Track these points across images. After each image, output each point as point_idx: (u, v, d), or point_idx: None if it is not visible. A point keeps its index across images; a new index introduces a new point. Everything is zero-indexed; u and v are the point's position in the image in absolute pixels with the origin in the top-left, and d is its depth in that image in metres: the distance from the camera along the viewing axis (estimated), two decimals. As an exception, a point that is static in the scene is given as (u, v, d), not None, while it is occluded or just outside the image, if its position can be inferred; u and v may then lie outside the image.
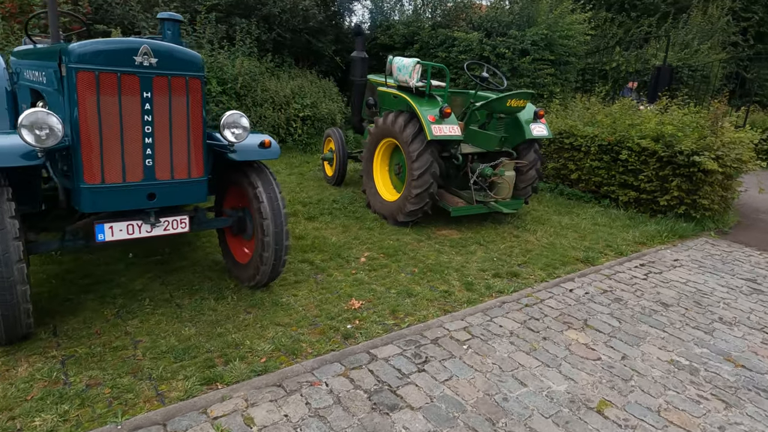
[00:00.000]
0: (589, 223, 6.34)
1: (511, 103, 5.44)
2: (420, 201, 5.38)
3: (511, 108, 5.51)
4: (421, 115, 5.20)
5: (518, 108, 5.56)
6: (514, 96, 5.43)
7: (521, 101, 5.49)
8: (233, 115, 3.28)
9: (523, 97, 5.49)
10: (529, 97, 5.54)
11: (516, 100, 5.45)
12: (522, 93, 5.46)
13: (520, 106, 5.54)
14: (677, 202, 6.46)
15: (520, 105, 5.52)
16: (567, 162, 7.68)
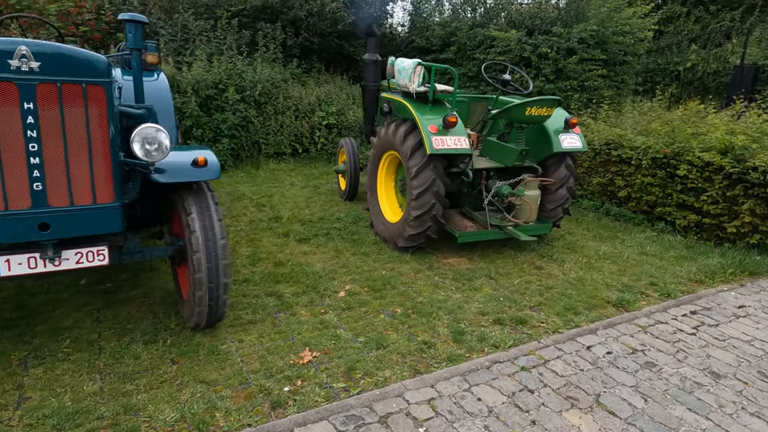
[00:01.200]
0: (635, 252, 5.29)
1: (531, 111, 4.56)
2: (420, 225, 4.63)
3: (531, 117, 4.63)
4: (421, 126, 4.46)
5: (541, 117, 4.66)
6: (536, 103, 4.55)
7: (544, 109, 4.60)
8: (146, 129, 2.72)
9: (547, 105, 4.59)
10: (554, 104, 4.64)
11: (537, 107, 4.56)
12: (545, 100, 4.57)
13: (542, 115, 4.64)
14: (749, 229, 5.25)
15: (543, 114, 4.63)
16: (615, 177, 6.60)
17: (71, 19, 7.47)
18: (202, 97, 7.65)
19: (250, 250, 4.81)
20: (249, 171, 8.04)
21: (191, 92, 7.40)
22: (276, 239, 5.15)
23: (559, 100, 4.64)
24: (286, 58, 9.32)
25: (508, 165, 4.92)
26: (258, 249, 4.87)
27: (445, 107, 4.73)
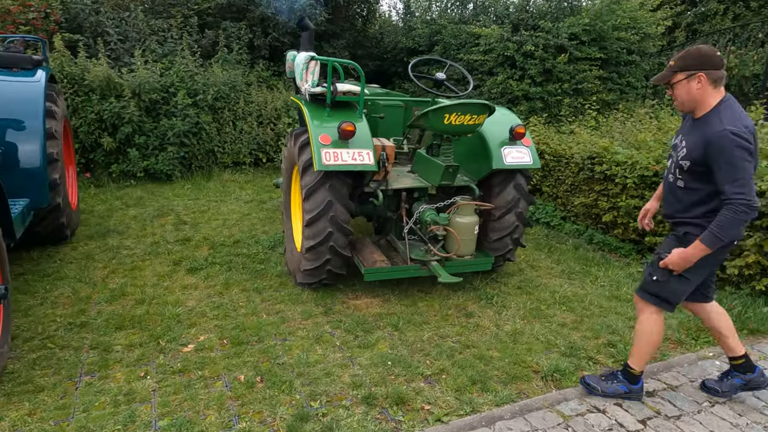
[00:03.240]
0: (604, 296, 4.20)
1: (451, 119, 3.58)
2: (317, 257, 3.73)
3: (452, 127, 3.64)
4: (311, 135, 3.57)
5: (465, 127, 3.66)
6: (456, 109, 3.56)
7: (468, 116, 3.60)
8: None
9: (473, 111, 3.59)
10: (483, 110, 3.63)
11: (459, 114, 3.57)
12: (470, 105, 3.57)
13: (467, 125, 3.64)
14: (756, 271, 4.07)
15: (468, 122, 3.63)
16: (599, 197, 5.48)
17: (10, 17, 6.99)
18: (146, 102, 7.00)
19: (120, 282, 4.03)
20: (198, 182, 7.34)
21: (130, 96, 6.75)
22: (163, 268, 4.36)
23: (488, 105, 3.64)
24: (254, 59, 8.61)
25: (434, 184, 3.96)
26: (133, 280, 4.09)
27: (352, 112, 3.82)
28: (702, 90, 2.36)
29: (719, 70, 2.34)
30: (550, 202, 6.29)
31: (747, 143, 2.24)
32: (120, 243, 4.89)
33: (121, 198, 6.44)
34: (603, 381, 2.87)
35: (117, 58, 7.58)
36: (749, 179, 2.26)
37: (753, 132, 2.32)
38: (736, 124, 2.27)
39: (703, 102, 2.40)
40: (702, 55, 2.36)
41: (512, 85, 6.98)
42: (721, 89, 2.39)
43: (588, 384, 2.89)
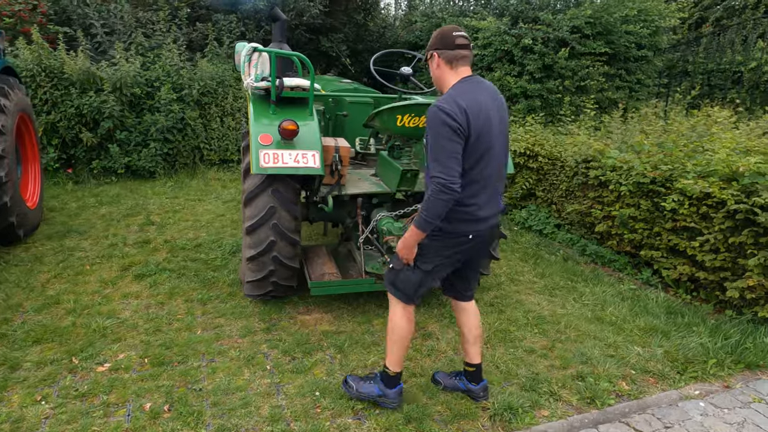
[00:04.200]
0: (586, 317, 3.77)
1: (405, 120, 3.19)
2: (260, 268, 3.40)
3: (405, 129, 3.25)
4: (251, 135, 3.24)
5: (422, 130, 3.27)
6: (410, 110, 3.18)
7: (423, 119, 3.21)
8: None
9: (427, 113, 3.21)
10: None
11: (412, 116, 3.19)
12: (426, 105, 3.17)
13: (422, 127, 3.25)
14: (760, 294, 3.58)
15: (423, 125, 3.24)
16: (594, 205, 5.02)
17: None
18: (128, 96, 6.79)
19: (60, 288, 3.79)
20: (181, 180, 7.11)
21: (110, 90, 6.55)
22: (111, 273, 4.11)
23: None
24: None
25: (392, 189, 3.58)
26: (74, 287, 3.84)
27: (302, 110, 3.47)
28: (440, 70, 2.33)
29: (453, 50, 2.27)
30: (544, 208, 5.84)
31: (453, 121, 2.15)
32: (77, 244, 4.66)
33: (97, 195, 6.25)
34: (362, 381, 2.70)
35: (104, 51, 7.40)
36: (449, 159, 2.17)
37: (474, 111, 2.19)
38: (449, 101, 2.19)
39: (443, 82, 2.35)
40: (438, 35, 2.33)
41: (509, 82, 6.52)
42: (461, 70, 2.31)
43: (347, 382, 2.72)
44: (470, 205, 2.35)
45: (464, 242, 2.42)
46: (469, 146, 2.24)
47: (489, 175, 2.35)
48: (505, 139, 2.45)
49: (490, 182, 2.38)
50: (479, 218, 2.38)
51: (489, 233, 2.52)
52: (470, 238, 2.41)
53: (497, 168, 2.40)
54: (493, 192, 2.43)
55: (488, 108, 2.29)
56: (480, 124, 2.24)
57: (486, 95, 2.31)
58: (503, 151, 2.44)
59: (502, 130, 2.40)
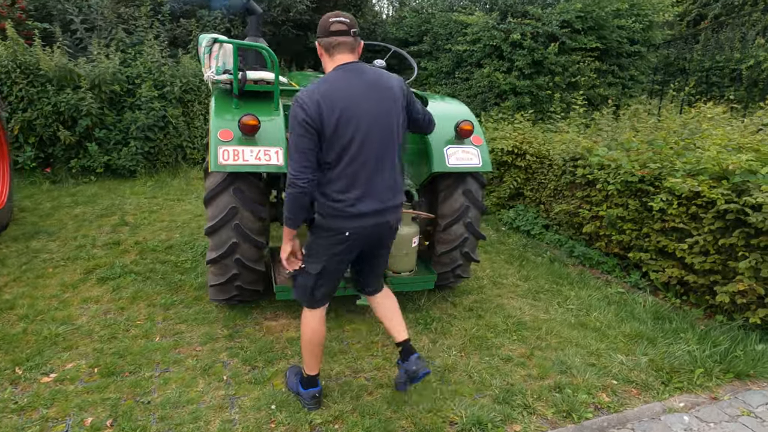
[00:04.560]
0: (569, 323, 3.59)
1: None
2: (223, 272, 3.23)
3: None
4: (211, 130, 3.07)
5: None
6: None
7: None
8: None
9: None
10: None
11: None
12: None
13: None
14: (752, 299, 3.40)
15: None
16: (582, 204, 4.83)
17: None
18: (107, 93, 6.62)
19: (17, 292, 3.62)
20: (163, 179, 6.94)
21: (87, 87, 6.38)
22: (73, 276, 3.94)
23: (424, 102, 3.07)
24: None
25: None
26: (33, 290, 3.67)
27: (267, 104, 3.29)
28: (323, 58, 2.28)
29: (328, 37, 2.20)
30: (532, 208, 5.65)
31: (303, 114, 2.11)
32: (43, 246, 4.49)
33: (73, 195, 6.08)
34: (295, 374, 2.67)
35: (84, 48, 7.24)
36: (296, 153, 2.15)
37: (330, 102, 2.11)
38: (307, 92, 2.14)
39: (325, 70, 2.30)
40: (319, 23, 2.27)
41: (498, 78, 6.34)
42: (338, 57, 2.22)
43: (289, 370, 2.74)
44: (340, 201, 2.23)
45: (343, 240, 2.30)
46: (327, 140, 2.16)
47: (359, 170, 2.21)
48: (392, 129, 2.27)
49: (363, 176, 2.23)
50: (354, 214, 2.25)
51: (375, 230, 2.35)
52: (347, 235, 2.28)
53: (375, 161, 2.24)
54: (374, 186, 2.26)
55: (358, 97, 2.17)
56: (337, 116, 2.13)
57: (361, 83, 2.20)
58: (387, 143, 2.27)
59: (386, 120, 2.24)
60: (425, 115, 2.57)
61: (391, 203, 2.34)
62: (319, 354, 2.54)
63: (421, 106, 2.54)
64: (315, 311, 2.48)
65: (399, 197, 2.40)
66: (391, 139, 2.30)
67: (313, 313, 2.48)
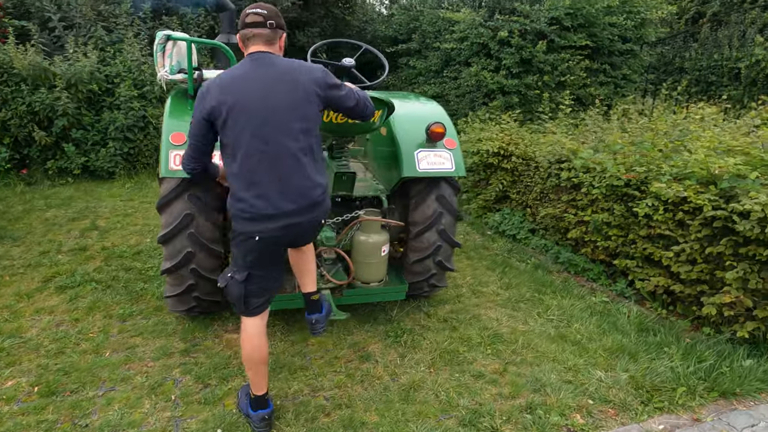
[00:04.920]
0: (548, 335, 3.41)
1: (332, 116, 2.82)
2: (178, 283, 3.05)
3: (334, 126, 2.88)
4: (163, 133, 2.90)
5: (352, 127, 2.90)
6: None
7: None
8: None
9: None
10: (380, 106, 2.87)
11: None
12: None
13: (354, 124, 2.87)
14: (740, 311, 3.21)
15: (354, 122, 2.88)
16: (568, 209, 4.65)
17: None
18: (83, 93, 6.45)
19: (-33, 303, 3.45)
20: (142, 181, 6.77)
21: (63, 86, 6.21)
22: (31, 285, 3.77)
23: (383, 101, 2.88)
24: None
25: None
26: (-15, 300, 3.50)
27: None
28: (242, 50, 2.21)
29: (244, 29, 2.13)
30: (519, 212, 5.47)
31: (200, 101, 2.10)
32: (6, 252, 4.32)
33: (47, 198, 5.91)
34: (247, 395, 2.48)
35: (62, 46, 7.06)
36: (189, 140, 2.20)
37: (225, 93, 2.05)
38: (212, 79, 2.14)
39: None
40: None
41: (486, 77, 6.15)
42: (251, 48, 2.14)
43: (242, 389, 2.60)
44: (242, 201, 2.11)
45: (254, 246, 2.17)
46: (221, 131, 2.10)
47: (256, 167, 2.07)
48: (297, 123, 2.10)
49: (261, 174, 2.08)
50: (256, 216, 2.11)
51: (287, 233, 2.18)
52: (257, 240, 2.15)
53: (274, 158, 2.08)
54: (277, 186, 2.10)
55: (258, 89, 2.06)
56: (229, 106, 2.04)
57: (266, 74, 2.09)
58: (290, 138, 2.10)
59: (290, 114, 2.09)
60: (359, 100, 2.38)
61: (303, 203, 2.16)
62: (264, 372, 2.37)
63: (354, 92, 2.36)
64: (255, 324, 2.32)
65: (313, 196, 2.19)
66: (296, 134, 2.12)
67: (252, 323, 2.32)
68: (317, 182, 2.20)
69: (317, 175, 2.21)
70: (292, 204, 2.13)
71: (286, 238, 2.22)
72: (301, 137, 2.13)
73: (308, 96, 2.13)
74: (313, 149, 2.19)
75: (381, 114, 2.92)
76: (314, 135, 2.21)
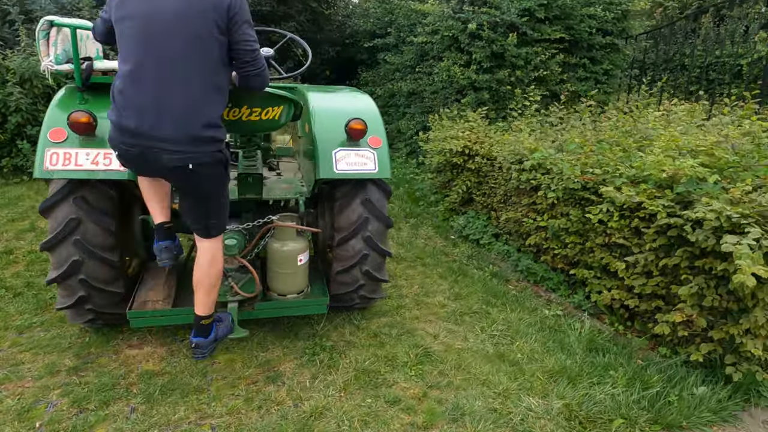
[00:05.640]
0: (486, 353, 3.09)
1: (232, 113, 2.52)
2: (68, 294, 2.78)
3: (228, 123, 2.58)
4: (42, 129, 2.62)
5: (248, 125, 2.60)
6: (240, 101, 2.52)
7: (249, 110, 2.53)
8: None
9: (255, 103, 2.52)
10: (275, 102, 2.56)
11: (229, 106, 2.51)
12: (243, 93, 2.50)
13: (249, 121, 2.57)
14: (695, 331, 2.86)
15: (250, 119, 2.56)
16: (529, 213, 4.31)
17: None
18: (40, 88, 6.22)
19: None
20: (101, 180, 6.51)
21: (15, 81, 5.98)
22: (-64, 291, 3.52)
23: (285, 97, 2.57)
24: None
25: (235, 197, 2.93)
26: None
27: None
28: None
29: None
30: (483, 215, 5.14)
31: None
32: (-74, 255, 4.09)
33: (-5, 197, 5.69)
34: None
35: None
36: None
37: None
38: None
39: None
40: None
41: (456, 72, 5.82)
42: None
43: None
44: (114, 103, 2.09)
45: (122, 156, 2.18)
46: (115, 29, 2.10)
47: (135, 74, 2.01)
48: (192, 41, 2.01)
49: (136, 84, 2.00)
50: (117, 126, 2.08)
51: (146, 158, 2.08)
52: (117, 154, 2.18)
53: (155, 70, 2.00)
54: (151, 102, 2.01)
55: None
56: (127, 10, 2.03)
57: None
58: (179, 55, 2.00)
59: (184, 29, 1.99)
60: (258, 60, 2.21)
61: (168, 132, 2.02)
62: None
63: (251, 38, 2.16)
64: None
65: (188, 130, 2.04)
66: (187, 53, 2.01)
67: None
68: (204, 117, 2.07)
69: (209, 108, 2.09)
70: (154, 127, 2.02)
71: (149, 166, 2.13)
72: (196, 59, 2.03)
73: (208, 16, 2.01)
74: (209, 80, 2.07)
75: (284, 111, 2.62)
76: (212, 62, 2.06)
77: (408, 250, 4.81)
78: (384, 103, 8.45)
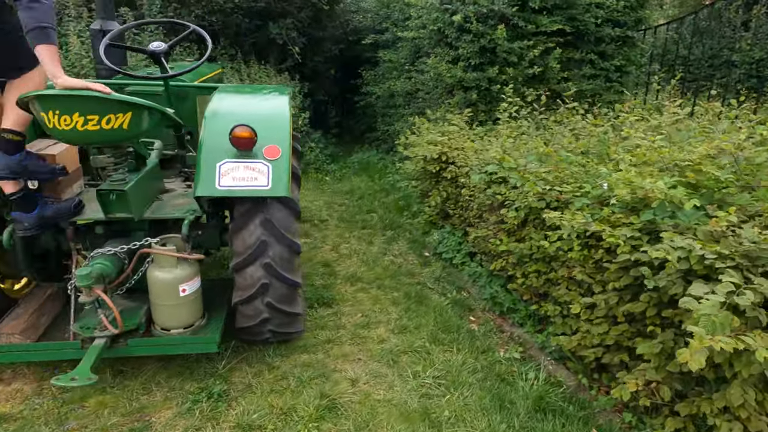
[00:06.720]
0: (408, 407, 2.56)
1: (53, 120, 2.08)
2: None
3: (59, 133, 2.15)
4: None
5: (81, 135, 2.14)
6: (55, 103, 2.06)
7: (82, 119, 2.07)
8: None
9: (88, 110, 2.07)
10: (119, 108, 2.11)
11: (58, 113, 2.05)
12: (77, 98, 2.04)
13: (84, 131, 2.11)
14: (662, 400, 2.22)
15: (83, 128, 2.10)
16: (498, 232, 3.72)
17: None
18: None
19: None
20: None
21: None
22: None
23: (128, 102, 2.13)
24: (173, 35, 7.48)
25: (104, 218, 2.52)
26: None
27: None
28: None
29: None
30: (459, 231, 4.57)
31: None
32: None
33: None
34: None
35: None
36: None
37: None
38: None
39: None
40: None
41: (442, 70, 5.25)
42: None
43: None
44: None
45: None
46: None
47: None
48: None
49: None
50: None
51: None
52: None
53: None
54: None
55: None
56: None
57: None
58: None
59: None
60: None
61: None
62: None
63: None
64: None
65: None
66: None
67: None
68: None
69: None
70: None
71: None
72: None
73: None
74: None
75: (134, 119, 2.19)
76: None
77: (369, 269, 4.31)
78: (384, 104, 7.96)
